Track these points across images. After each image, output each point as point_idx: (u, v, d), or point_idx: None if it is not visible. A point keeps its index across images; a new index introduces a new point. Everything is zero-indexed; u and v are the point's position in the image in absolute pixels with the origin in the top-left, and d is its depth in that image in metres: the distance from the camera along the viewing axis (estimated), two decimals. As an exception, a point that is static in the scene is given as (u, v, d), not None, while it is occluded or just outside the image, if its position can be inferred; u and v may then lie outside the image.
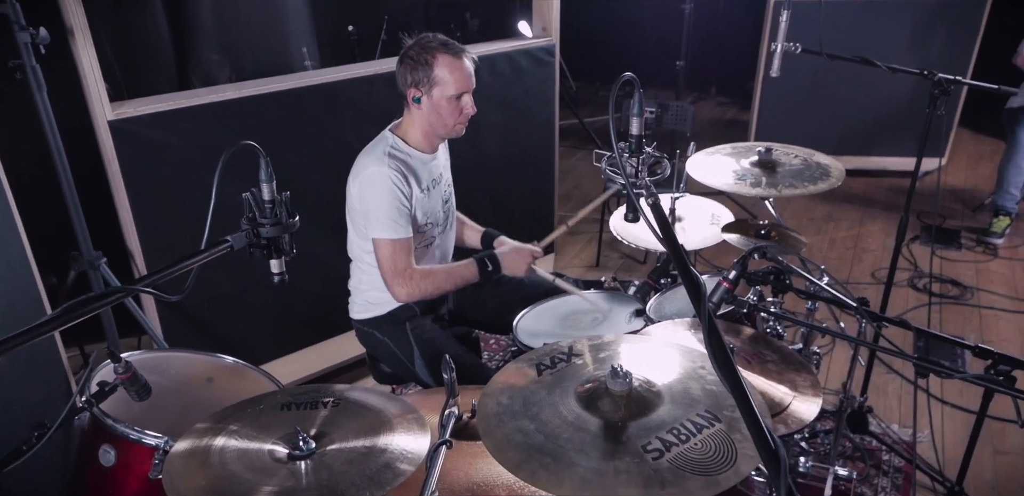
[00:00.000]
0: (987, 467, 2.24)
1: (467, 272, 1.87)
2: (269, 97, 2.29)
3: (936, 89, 2.10)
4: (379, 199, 1.75)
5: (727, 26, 5.85)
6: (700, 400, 1.11)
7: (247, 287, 2.35)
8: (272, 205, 1.03)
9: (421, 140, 1.86)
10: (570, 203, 4.23)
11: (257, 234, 1.02)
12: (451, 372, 1.08)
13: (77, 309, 0.85)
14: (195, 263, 0.95)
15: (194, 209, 2.19)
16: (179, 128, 2.12)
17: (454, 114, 1.79)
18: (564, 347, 1.26)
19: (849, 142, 4.47)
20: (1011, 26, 4.26)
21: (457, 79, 1.75)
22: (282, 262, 1.06)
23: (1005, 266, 3.50)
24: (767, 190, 2.01)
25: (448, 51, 1.75)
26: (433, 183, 1.90)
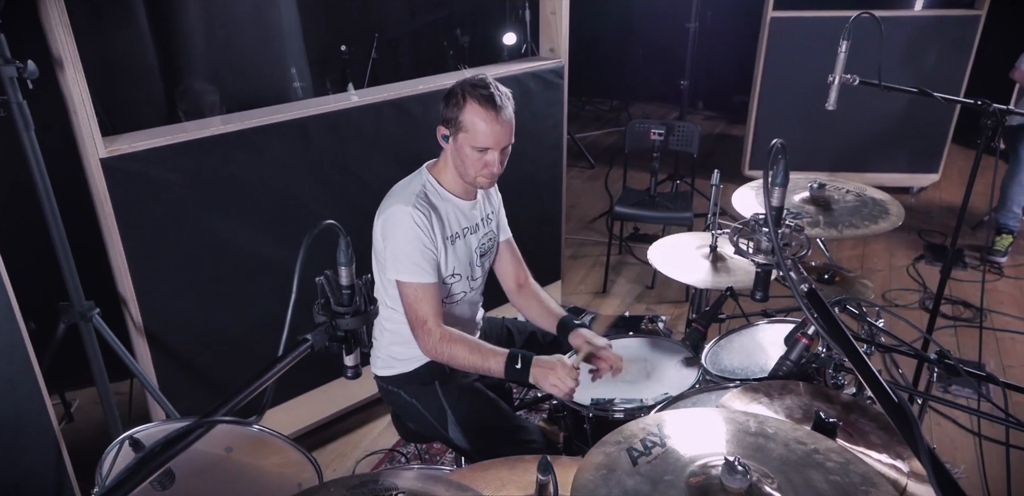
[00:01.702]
0: (1025, 502, 2.19)
1: (493, 361, 1.61)
2: (273, 128, 2.12)
3: (990, 120, 2.03)
4: (402, 239, 1.61)
5: (715, 41, 5.83)
6: (828, 494, 0.99)
7: (247, 331, 2.19)
8: (351, 291, 0.87)
9: (456, 183, 1.71)
10: (570, 223, 4.13)
11: (335, 326, 0.86)
12: (550, 473, 0.94)
13: (158, 456, 0.70)
14: (277, 374, 0.79)
15: (194, 252, 2.04)
16: (177, 164, 1.95)
17: (476, 165, 1.64)
18: (654, 427, 1.13)
19: (846, 159, 4.46)
20: (1004, 42, 4.30)
21: (482, 133, 1.59)
22: (358, 355, 0.91)
23: (1012, 286, 3.49)
24: (827, 231, 1.90)
25: (484, 102, 1.58)
26: (466, 232, 1.75)
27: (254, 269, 2.16)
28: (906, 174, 4.51)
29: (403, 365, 1.77)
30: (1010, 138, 3.69)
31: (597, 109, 6.35)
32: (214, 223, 2.06)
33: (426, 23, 4.30)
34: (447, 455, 2.34)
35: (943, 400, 1.48)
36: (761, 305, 2.53)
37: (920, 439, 0.80)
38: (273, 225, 2.17)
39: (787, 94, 4.30)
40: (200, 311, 2.11)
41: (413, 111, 2.41)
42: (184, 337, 2.10)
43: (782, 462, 1.06)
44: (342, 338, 0.87)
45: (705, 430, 1.14)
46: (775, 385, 1.47)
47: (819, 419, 1.30)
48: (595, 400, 1.61)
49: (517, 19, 4.70)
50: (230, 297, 2.15)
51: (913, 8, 4.54)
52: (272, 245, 2.17)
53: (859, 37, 2.18)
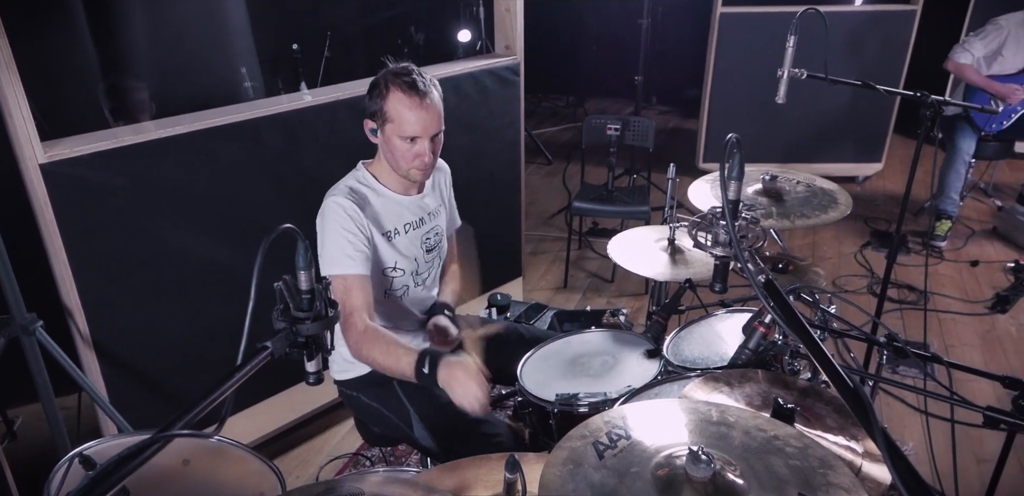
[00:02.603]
0: (973, 477, 2.28)
1: (405, 361, 1.49)
2: (224, 129, 2.07)
3: (928, 110, 2.11)
4: (329, 229, 1.57)
5: (667, 37, 5.92)
6: (788, 480, 1.01)
7: (203, 339, 2.13)
8: (311, 296, 0.86)
9: (392, 177, 1.69)
10: (529, 219, 4.14)
11: (295, 332, 0.85)
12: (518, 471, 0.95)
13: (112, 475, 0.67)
14: (236, 383, 0.77)
15: (143, 259, 1.98)
16: (123, 169, 1.88)
17: (407, 157, 1.61)
18: (619, 420, 1.15)
19: (795, 151, 4.58)
20: (938, 35, 4.47)
21: (408, 121, 1.55)
22: (320, 360, 0.89)
23: (952, 269, 3.64)
24: (780, 221, 1.95)
25: (406, 89, 1.54)
26: (407, 227, 1.72)
27: (208, 275, 2.11)
28: (852, 164, 4.66)
29: (356, 368, 1.74)
30: (946, 128, 3.84)
31: (553, 105, 6.38)
32: (164, 229, 2.01)
33: (380, 21, 4.25)
34: (412, 456, 2.33)
35: (891, 381, 1.53)
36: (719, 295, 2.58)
37: (875, 421, 0.83)
38: (227, 229, 2.12)
39: (738, 88, 4.38)
40: (152, 320, 2.05)
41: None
42: (136, 347, 2.04)
43: (744, 449, 1.09)
44: (303, 344, 0.85)
45: (669, 421, 1.16)
46: (735, 374, 1.50)
47: (778, 405, 1.34)
48: (559, 395, 1.62)
49: (471, 16, 4.69)
50: (184, 305, 2.10)
51: (854, 3, 4.69)
52: (226, 250, 2.12)
53: (805, 32, 2.24)
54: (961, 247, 3.83)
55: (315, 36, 3.53)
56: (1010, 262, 3.58)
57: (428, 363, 1.47)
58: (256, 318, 0.87)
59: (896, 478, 0.77)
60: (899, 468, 0.78)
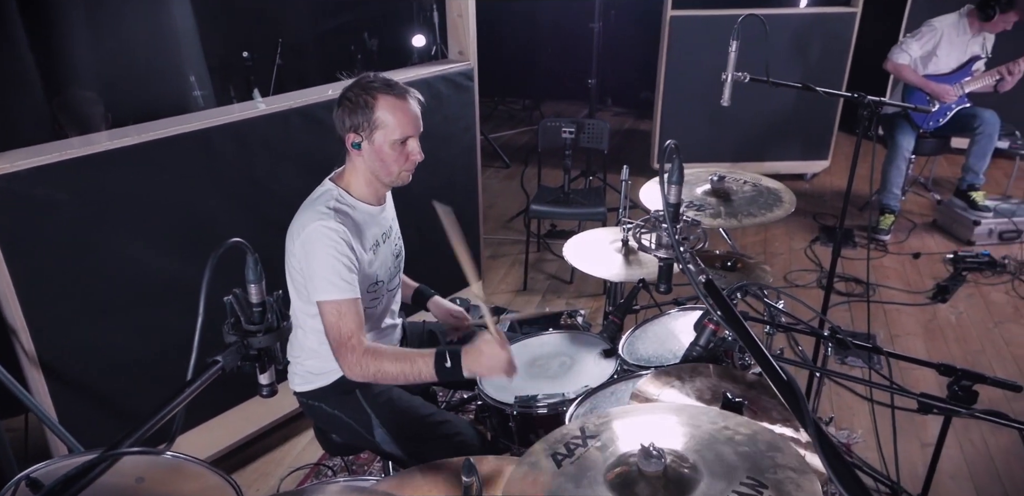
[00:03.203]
0: (918, 460, 2.39)
1: (421, 363, 1.54)
2: (173, 140, 2.05)
3: (866, 110, 2.20)
4: (322, 255, 1.57)
5: (620, 40, 6.01)
6: (738, 466, 1.05)
7: (155, 354, 2.09)
8: (262, 308, 0.87)
9: (366, 190, 1.70)
10: (488, 223, 4.17)
11: (247, 345, 0.85)
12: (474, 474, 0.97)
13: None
14: (186, 399, 0.78)
15: (91, 275, 1.95)
16: (67, 183, 1.85)
17: (399, 161, 1.64)
18: (575, 429, 1.18)
19: (746, 150, 4.70)
20: (878, 37, 4.64)
21: (401, 122, 1.60)
22: (273, 372, 0.90)
23: (896, 261, 3.78)
24: (728, 220, 2.01)
25: (391, 92, 1.60)
26: (383, 238, 1.75)
27: (160, 289, 2.08)
28: (800, 162, 4.80)
29: (321, 379, 1.75)
30: (887, 125, 4.00)
31: (509, 108, 6.42)
32: (112, 243, 1.97)
33: (332, 27, 4.23)
34: (375, 464, 2.33)
35: (836, 373, 1.60)
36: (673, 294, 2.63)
37: (806, 412, 0.88)
38: (178, 242, 2.09)
39: (689, 90, 4.48)
40: (103, 336, 2.01)
41: (321, 118, 2.38)
42: (86, 365, 1.99)
43: (695, 442, 1.13)
44: (255, 357, 0.86)
45: (625, 425, 1.18)
46: (686, 368, 1.55)
47: (726, 399, 1.39)
48: (518, 398, 1.65)
49: (425, 21, 4.70)
50: (135, 320, 2.06)
51: (799, 6, 4.83)
52: (178, 263, 2.09)
53: (751, 35, 2.32)
54: (904, 240, 3.98)
55: (266, 43, 3.49)
56: (949, 253, 3.74)
57: (449, 358, 1.52)
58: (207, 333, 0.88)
59: (826, 465, 0.81)
60: (829, 457, 0.83)
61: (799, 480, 1.04)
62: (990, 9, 3.63)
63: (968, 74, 3.81)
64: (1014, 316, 3.23)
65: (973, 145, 3.90)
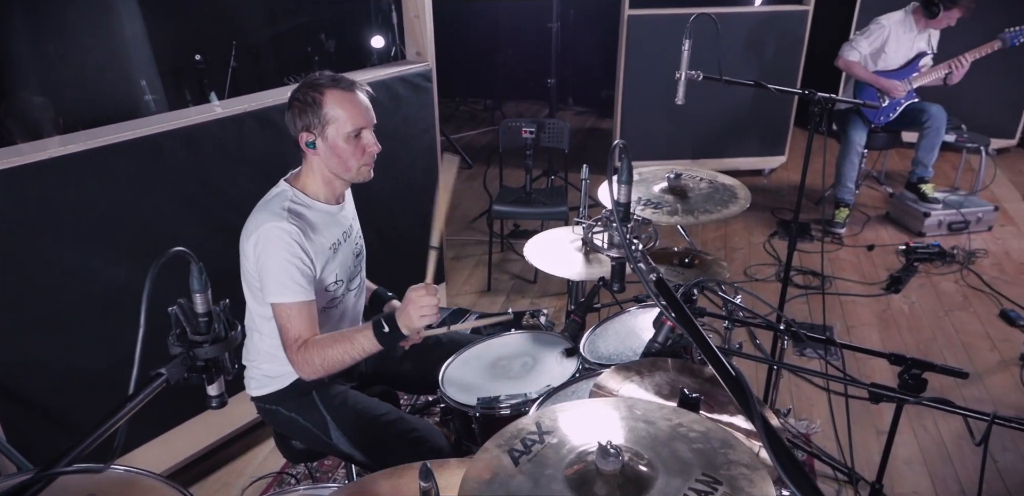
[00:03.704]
0: (874, 447, 2.45)
1: (362, 338, 1.55)
2: (123, 146, 2.00)
3: (817, 107, 2.26)
4: (276, 257, 1.56)
5: (580, 39, 6.04)
6: (693, 463, 1.07)
7: (106, 366, 2.03)
8: (208, 318, 0.85)
9: (323, 190, 1.69)
10: (450, 225, 4.16)
11: (193, 356, 0.84)
12: (431, 479, 0.97)
13: None
14: (128, 413, 0.76)
15: (37, 286, 1.89)
16: (10, 191, 1.79)
17: (356, 155, 1.63)
18: (531, 424, 1.19)
19: (705, 147, 4.77)
20: (830, 34, 4.75)
21: (352, 114, 1.59)
22: (222, 383, 0.89)
23: (851, 253, 3.87)
24: (685, 217, 2.02)
25: (338, 86, 1.59)
26: (344, 237, 1.73)
27: (111, 300, 2.02)
28: (758, 158, 4.89)
29: (277, 382, 1.73)
30: (840, 121, 4.09)
31: (471, 109, 6.41)
32: (60, 253, 1.92)
33: (288, 29, 4.17)
34: (339, 471, 2.31)
35: (792, 366, 1.63)
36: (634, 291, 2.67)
37: (754, 407, 0.90)
38: (130, 251, 2.05)
39: (649, 88, 4.53)
40: (51, 350, 1.95)
41: (277, 121, 2.35)
42: (32, 380, 1.93)
43: (651, 439, 1.15)
44: (202, 368, 0.85)
45: (581, 421, 1.19)
46: (645, 363, 1.57)
47: (683, 395, 1.41)
48: (481, 399, 1.65)
49: (384, 22, 4.66)
50: (85, 332, 2.01)
51: (753, 4, 4.92)
52: (130, 272, 2.04)
53: (706, 34, 2.36)
54: (858, 232, 4.08)
55: (220, 46, 3.43)
56: (901, 245, 3.85)
57: (386, 323, 1.54)
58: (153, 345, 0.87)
59: (774, 460, 0.83)
60: (776, 450, 0.85)
61: (752, 476, 1.06)
62: (935, 6, 3.74)
63: (915, 70, 3.92)
64: (963, 304, 3.34)
65: (922, 139, 4.01)
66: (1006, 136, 5.12)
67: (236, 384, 1.80)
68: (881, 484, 1.73)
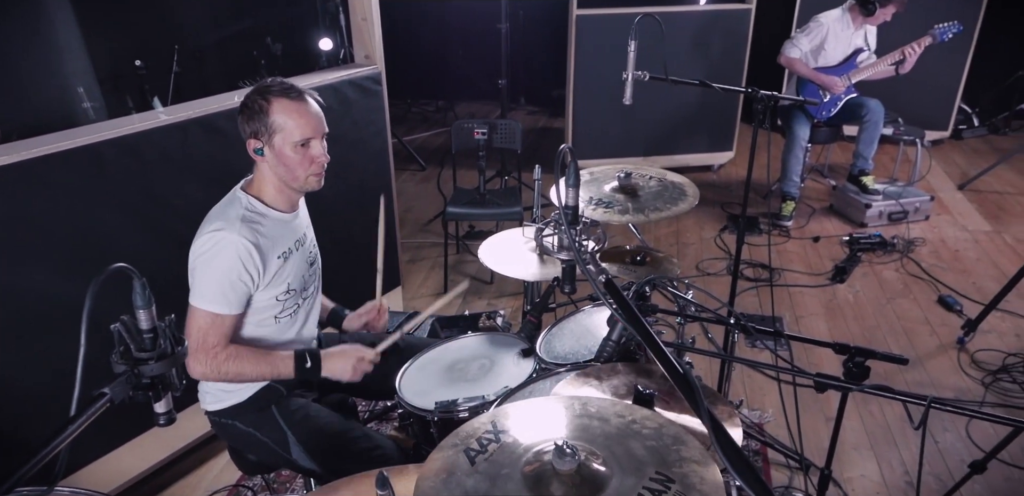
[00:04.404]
0: (824, 433, 2.54)
1: (281, 365, 1.63)
2: (60, 156, 1.94)
3: (760, 104, 2.32)
4: (217, 267, 1.55)
5: (530, 39, 6.07)
6: (646, 461, 1.09)
7: (49, 385, 1.96)
8: (153, 334, 0.84)
9: (278, 197, 1.67)
10: (406, 228, 4.15)
11: (138, 374, 0.83)
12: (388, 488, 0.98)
13: None
14: (70, 435, 0.75)
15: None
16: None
17: (303, 164, 1.61)
18: (487, 423, 1.20)
19: (656, 144, 4.85)
20: (773, 32, 4.87)
21: (299, 124, 1.57)
22: (169, 399, 0.87)
23: (798, 245, 3.99)
24: (636, 216, 2.05)
25: (286, 95, 1.58)
26: (296, 245, 1.71)
27: (52, 316, 1.96)
28: (707, 154, 5.00)
29: (234, 396, 1.71)
30: (784, 117, 4.21)
31: (423, 110, 6.39)
32: (-2, 269, 1.85)
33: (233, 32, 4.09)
34: (297, 481, 2.29)
35: (742, 359, 1.68)
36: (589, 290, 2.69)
37: (701, 404, 0.93)
38: (71, 264, 1.98)
39: (599, 87, 4.58)
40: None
41: (223, 127, 2.31)
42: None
43: (605, 437, 1.17)
44: (148, 385, 0.84)
45: (536, 420, 1.21)
46: (605, 368, 1.60)
47: (638, 392, 1.45)
48: (439, 403, 1.66)
49: (332, 24, 4.61)
50: (25, 349, 1.94)
51: (699, 3, 5.01)
52: (72, 287, 1.96)
53: (653, 34, 2.40)
54: (805, 225, 4.21)
55: (161, 50, 3.34)
56: (845, 236, 3.98)
57: (310, 357, 1.60)
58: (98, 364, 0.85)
59: (722, 457, 0.86)
60: (724, 446, 0.88)
61: (702, 472, 1.09)
62: (871, 4, 3.87)
63: (853, 66, 4.05)
64: (904, 292, 3.47)
65: (861, 133, 4.16)
66: (939, 128, 5.34)
67: (186, 397, 1.77)
68: (830, 470, 1.80)
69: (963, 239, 4.01)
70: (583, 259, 1.14)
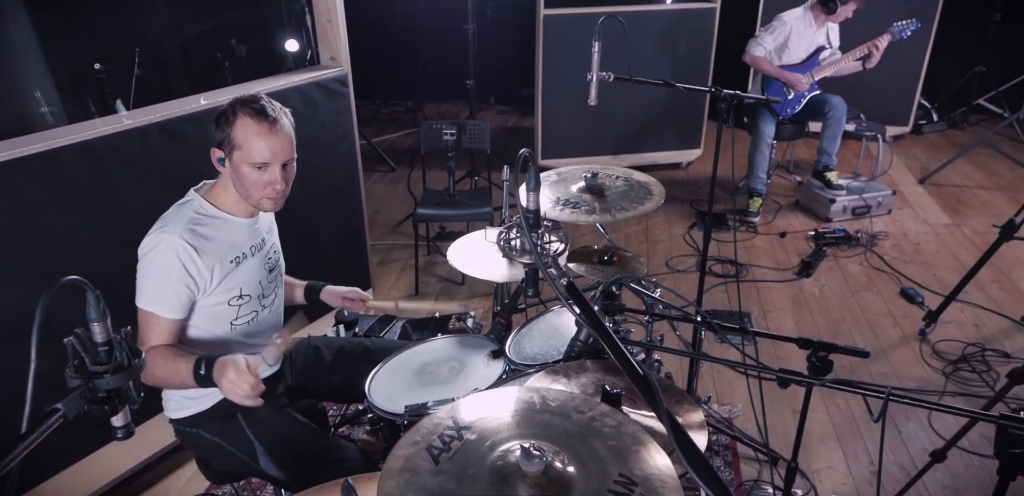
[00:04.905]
0: (791, 426, 2.59)
1: (184, 370, 1.49)
2: (17, 163, 1.91)
3: (723, 103, 2.36)
4: (159, 268, 1.53)
5: (498, 38, 6.07)
6: (609, 461, 1.11)
7: (9, 398, 1.90)
8: (109, 347, 0.83)
9: (235, 205, 1.66)
10: (376, 230, 4.13)
11: (93, 388, 0.82)
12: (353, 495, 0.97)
13: None
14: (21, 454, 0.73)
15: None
16: None
17: (258, 186, 1.59)
18: (448, 420, 1.19)
19: (625, 142, 4.88)
20: (739, 30, 4.93)
21: (257, 147, 1.54)
22: (127, 413, 0.86)
23: (766, 241, 4.05)
24: (603, 216, 2.07)
25: (254, 114, 1.54)
26: (252, 250, 1.69)
27: (10, 327, 1.92)
28: (675, 151, 5.05)
29: (199, 403, 1.69)
30: (750, 114, 4.27)
31: (392, 111, 6.35)
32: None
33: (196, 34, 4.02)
34: (267, 489, 2.27)
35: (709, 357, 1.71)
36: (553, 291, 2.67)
37: (661, 405, 0.94)
38: (31, 273, 1.94)
39: (567, 86, 4.60)
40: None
41: (185, 131, 2.28)
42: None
43: (568, 436, 1.17)
44: (104, 399, 0.83)
45: (496, 414, 1.20)
46: (572, 366, 1.61)
47: (605, 391, 1.46)
48: (408, 407, 1.66)
49: (298, 24, 4.56)
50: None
51: (664, 2, 5.06)
52: (32, 296, 1.93)
53: (618, 34, 2.42)
54: (771, 220, 4.28)
55: (122, 53, 3.28)
56: (810, 231, 4.05)
57: (204, 366, 1.47)
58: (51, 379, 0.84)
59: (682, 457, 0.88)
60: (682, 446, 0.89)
61: (663, 476, 1.11)
62: (831, 2, 3.94)
63: (816, 64, 4.12)
64: (868, 285, 3.55)
65: (825, 129, 4.23)
66: (900, 123, 5.46)
67: (153, 405, 1.75)
68: (796, 463, 1.83)
69: (924, 232, 4.11)
70: (545, 263, 1.15)
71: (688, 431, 1.46)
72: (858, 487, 2.29)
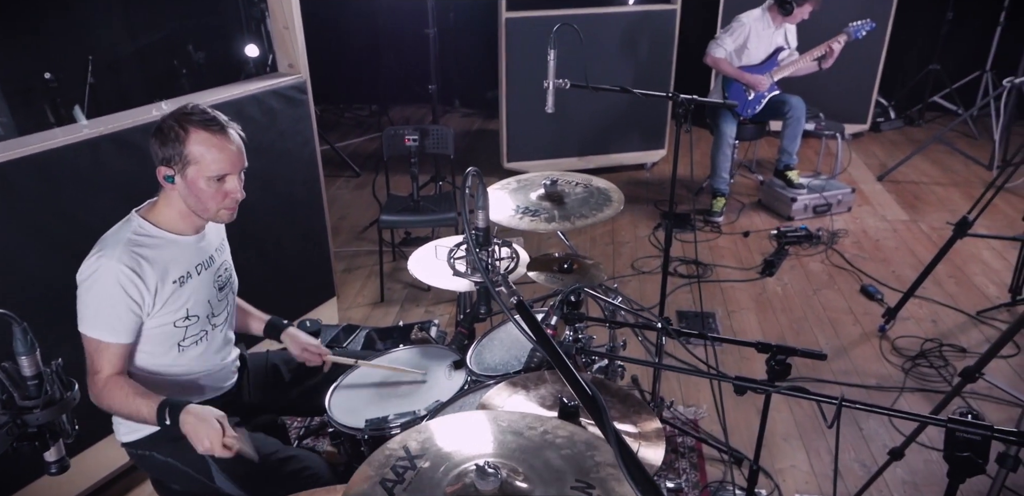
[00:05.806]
0: (755, 427, 2.61)
1: (146, 410, 1.49)
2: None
3: (680, 107, 2.38)
4: (97, 294, 1.50)
5: (462, 41, 6.05)
6: (565, 470, 1.11)
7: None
8: (39, 381, 0.80)
9: (179, 222, 1.62)
10: (340, 236, 4.09)
11: (23, 423, 0.79)
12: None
13: None
14: None
15: None
16: None
17: (216, 198, 1.57)
18: (398, 449, 1.18)
19: (590, 144, 4.90)
20: (700, 32, 4.98)
21: (216, 159, 1.53)
22: (61, 446, 0.84)
23: (729, 241, 4.10)
24: (562, 224, 2.07)
25: (207, 127, 1.52)
26: (199, 268, 1.66)
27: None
28: (640, 152, 5.08)
29: (149, 427, 1.63)
30: (712, 115, 4.32)
31: (356, 115, 6.30)
32: None
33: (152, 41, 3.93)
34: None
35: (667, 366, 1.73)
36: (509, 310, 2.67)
37: (608, 425, 0.95)
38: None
39: (531, 88, 4.56)
40: None
41: (139, 143, 2.23)
42: None
43: (522, 451, 1.17)
44: (35, 435, 0.80)
45: (448, 439, 1.20)
46: (531, 378, 1.62)
47: (563, 405, 1.46)
48: (369, 421, 1.65)
49: (257, 29, 4.49)
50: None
51: (627, 3, 5.08)
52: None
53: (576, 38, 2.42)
54: (735, 220, 4.33)
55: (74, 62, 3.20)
56: (773, 230, 4.11)
57: (169, 416, 1.47)
58: None
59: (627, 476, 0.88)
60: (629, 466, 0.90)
61: (619, 475, 1.12)
62: (788, 4, 4.00)
63: (775, 64, 4.18)
64: (829, 283, 3.61)
65: (785, 128, 4.30)
66: (859, 121, 5.56)
67: (105, 427, 1.71)
68: (758, 464, 1.86)
69: (883, 229, 4.19)
70: (493, 281, 1.15)
71: (647, 441, 1.48)
72: (821, 486, 2.33)
